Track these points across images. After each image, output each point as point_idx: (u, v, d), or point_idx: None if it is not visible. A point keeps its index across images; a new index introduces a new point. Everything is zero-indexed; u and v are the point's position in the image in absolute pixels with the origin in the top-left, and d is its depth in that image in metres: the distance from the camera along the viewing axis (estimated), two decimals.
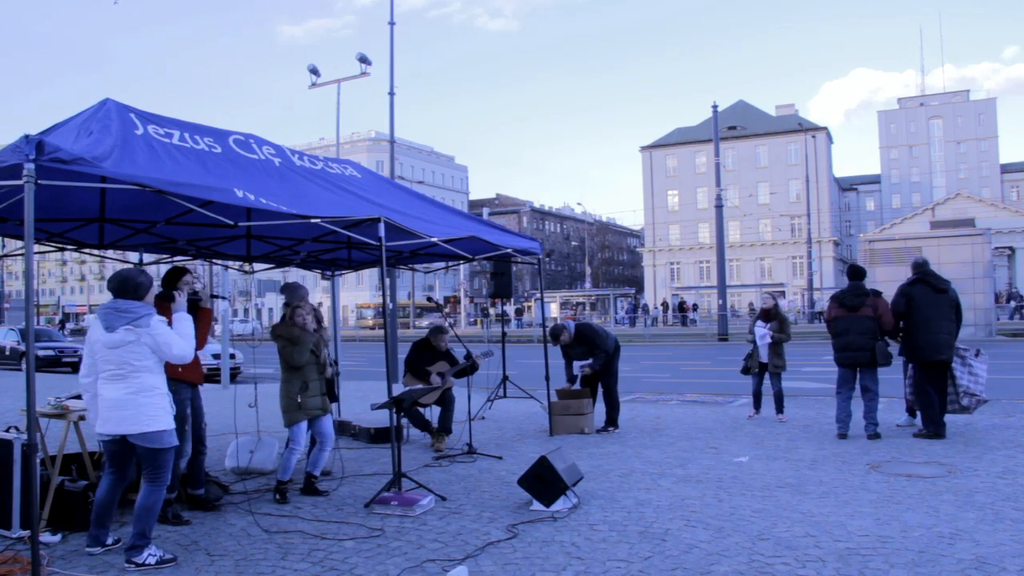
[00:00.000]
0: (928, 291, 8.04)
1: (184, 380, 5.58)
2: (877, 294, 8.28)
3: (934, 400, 7.97)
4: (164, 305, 5.23)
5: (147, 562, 4.39)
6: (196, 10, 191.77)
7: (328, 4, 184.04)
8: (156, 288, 4.77)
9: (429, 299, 10.47)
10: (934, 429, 7.94)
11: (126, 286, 4.52)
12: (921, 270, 8.19)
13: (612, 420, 9.05)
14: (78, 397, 6.23)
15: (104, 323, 4.48)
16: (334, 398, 6.93)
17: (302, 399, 6.05)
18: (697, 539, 4.79)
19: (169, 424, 4.54)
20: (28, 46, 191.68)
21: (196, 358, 5.77)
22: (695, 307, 53.35)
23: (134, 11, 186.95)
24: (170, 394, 4.64)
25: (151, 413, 4.45)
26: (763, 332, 9.48)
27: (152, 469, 4.54)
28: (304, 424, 6.10)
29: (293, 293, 6.59)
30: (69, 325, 59.85)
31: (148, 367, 4.47)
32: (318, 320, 6.53)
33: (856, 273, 8.44)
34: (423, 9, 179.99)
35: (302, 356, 6.08)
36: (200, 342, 5.61)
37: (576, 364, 9.05)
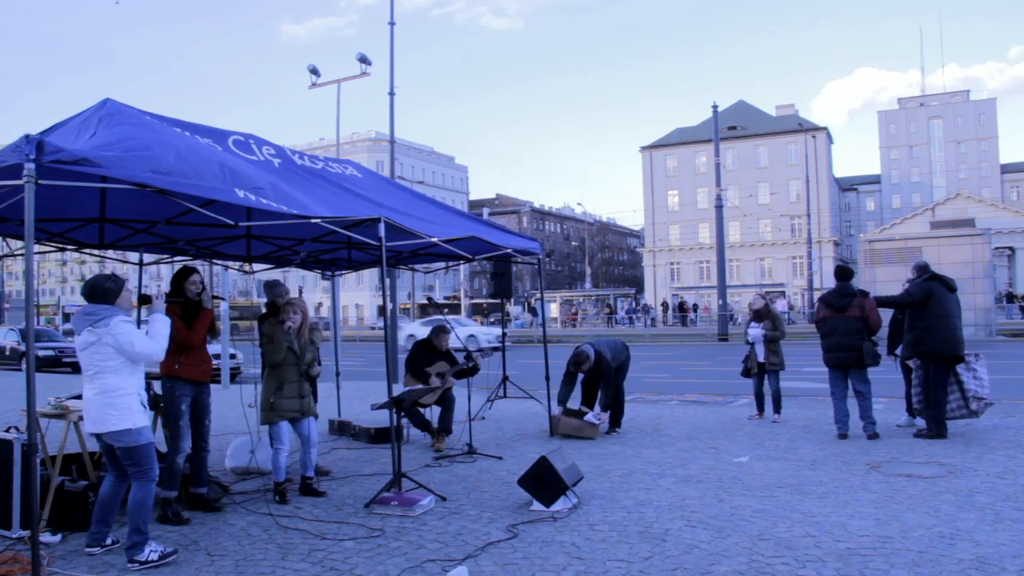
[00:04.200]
0: (944, 289, 8.10)
1: (183, 377, 5.59)
2: (864, 294, 8.30)
3: (941, 399, 7.99)
4: (170, 306, 5.26)
5: (150, 559, 4.41)
6: (198, 10, 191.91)
7: (331, 3, 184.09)
8: (130, 292, 4.81)
9: (429, 299, 10.47)
10: (937, 429, 7.95)
11: (94, 291, 4.63)
12: (929, 270, 8.24)
13: (615, 421, 9.03)
14: (78, 397, 6.24)
15: (75, 328, 4.66)
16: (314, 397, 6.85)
17: (275, 399, 6.04)
18: (697, 539, 4.79)
19: (137, 423, 4.56)
20: (29, 46, 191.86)
21: (205, 355, 5.81)
22: (695, 307, 53.35)
23: (136, 11, 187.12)
24: (143, 394, 4.67)
25: (112, 413, 4.49)
26: (757, 333, 9.51)
27: (132, 466, 4.58)
28: (284, 424, 6.07)
29: (275, 290, 6.61)
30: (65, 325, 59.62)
31: (113, 368, 4.52)
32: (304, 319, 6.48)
33: (844, 274, 8.46)
34: (425, 8, 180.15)
35: (276, 355, 6.07)
36: (197, 339, 5.63)
37: (590, 415, 8.77)
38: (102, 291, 4.62)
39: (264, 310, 6.70)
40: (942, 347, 7.96)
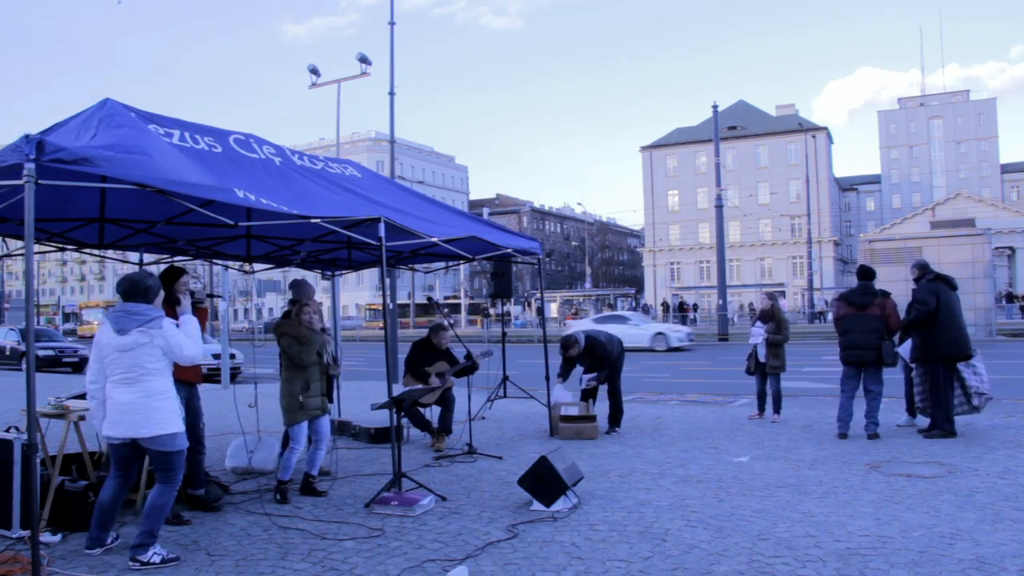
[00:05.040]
0: (947, 288, 8.11)
1: (180, 379, 5.57)
2: (886, 294, 8.30)
3: (950, 398, 8.01)
4: (167, 308, 5.23)
5: (152, 561, 4.40)
6: (199, 9, 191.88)
7: (331, 2, 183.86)
8: (163, 292, 4.78)
9: (429, 299, 10.47)
10: (950, 428, 7.97)
11: (136, 289, 4.53)
12: (931, 269, 8.24)
13: (615, 420, 9.03)
14: (79, 397, 6.24)
15: (116, 326, 4.47)
16: (331, 398, 6.92)
17: (304, 399, 6.03)
18: (697, 539, 4.79)
19: (179, 427, 4.55)
20: (30, 45, 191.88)
21: None
22: (695, 307, 53.38)
23: (136, 10, 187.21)
24: (178, 397, 4.64)
25: (160, 417, 4.45)
26: (758, 333, 9.51)
27: (165, 471, 4.55)
28: (305, 424, 6.09)
29: (301, 290, 6.59)
30: (66, 325, 59.62)
31: (159, 370, 4.48)
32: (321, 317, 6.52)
33: (866, 273, 8.47)
34: (426, 8, 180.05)
35: (310, 355, 6.04)
36: None
37: (584, 377, 8.99)
38: (144, 289, 4.53)
39: (287, 308, 6.66)
40: (952, 348, 7.98)
